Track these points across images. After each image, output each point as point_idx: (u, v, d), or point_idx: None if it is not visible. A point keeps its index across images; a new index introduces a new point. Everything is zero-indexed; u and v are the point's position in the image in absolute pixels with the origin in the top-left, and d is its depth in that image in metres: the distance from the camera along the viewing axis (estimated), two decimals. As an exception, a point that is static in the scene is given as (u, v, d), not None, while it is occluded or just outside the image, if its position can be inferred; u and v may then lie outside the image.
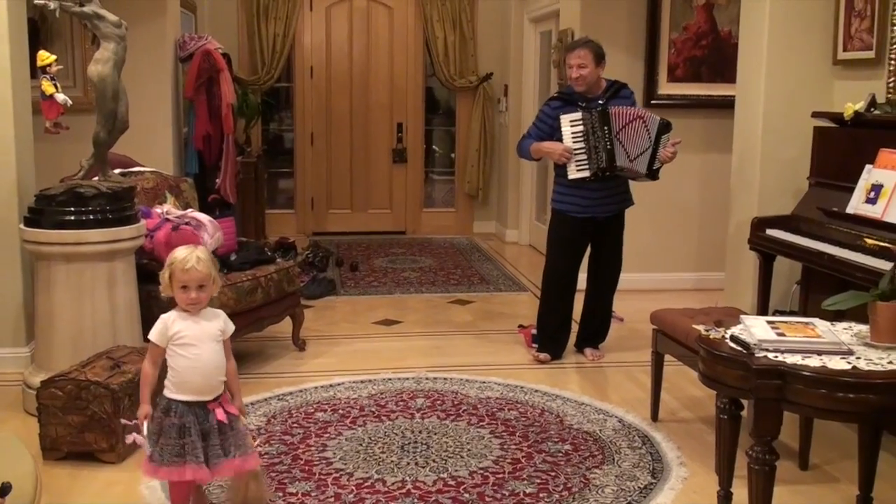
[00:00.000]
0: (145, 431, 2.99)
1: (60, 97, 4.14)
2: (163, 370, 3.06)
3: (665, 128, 4.81)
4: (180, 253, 3.01)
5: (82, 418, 3.67)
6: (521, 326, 5.65)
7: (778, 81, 4.89)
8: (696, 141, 6.81)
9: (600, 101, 4.88)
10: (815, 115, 4.69)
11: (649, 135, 4.79)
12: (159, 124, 6.34)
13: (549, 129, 4.95)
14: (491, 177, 9.61)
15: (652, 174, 4.90)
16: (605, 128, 4.79)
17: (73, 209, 4.13)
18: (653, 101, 6.70)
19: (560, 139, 4.88)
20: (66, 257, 4.10)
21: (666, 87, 6.75)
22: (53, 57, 4.19)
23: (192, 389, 3.00)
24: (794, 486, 3.51)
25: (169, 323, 3.02)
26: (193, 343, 3.00)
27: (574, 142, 4.84)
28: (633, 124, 4.80)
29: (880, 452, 3.20)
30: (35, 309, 4.30)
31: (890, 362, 2.66)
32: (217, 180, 6.73)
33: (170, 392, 3.01)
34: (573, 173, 4.87)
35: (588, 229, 5.02)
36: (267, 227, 8.63)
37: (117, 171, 4.73)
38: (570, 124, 4.85)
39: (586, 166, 4.84)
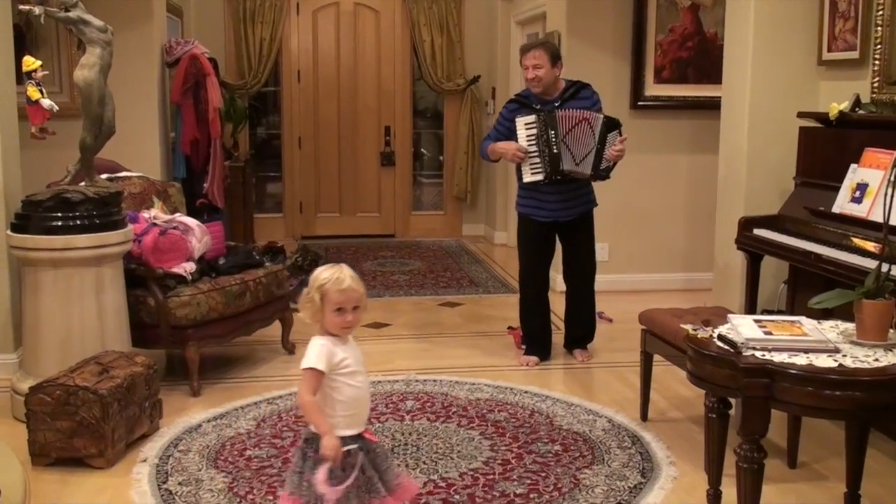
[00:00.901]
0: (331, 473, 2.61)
1: (46, 102, 4.13)
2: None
3: (610, 126, 4.78)
4: (330, 272, 2.71)
5: (71, 424, 3.66)
6: (510, 328, 5.65)
7: (763, 82, 4.91)
8: (683, 142, 6.85)
9: (556, 104, 4.88)
10: (801, 115, 4.72)
11: (594, 135, 4.77)
12: (146, 129, 6.33)
13: (507, 131, 4.96)
14: (479, 179, 9.62)
15: (600, 174, 4.86)
16: (552, 131, 4.78)
17: (60, 214, 4.11)
18: (639, 103, 6.74)
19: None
20: (54, 263, 4.08)
21: (652, 89, 6.77)
22: (39, 62, 4.18)
23: (361, 421, 2.77)
24: (783, 485, 3.52)
25: (332, 348, 2.71)
26: (358, 370, 2.76)
27: (529, 145, 4.84)
28: (578, 126, 4.78)
29: (868, 450, 3.22)
30: (22, 315, 4.28)
31: (876, 360, 2.67)
32: (205, 185, 6.73)
33: (340, 429, 2.70)
34: (528, 176, 4.89)
35: (552, 232, 5.04)
36: (255, 232, 8.62)
37: (104, 176, 4.73)
38: (524, 127, 4.85)
39: (539, 169, 4.85)
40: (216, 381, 4.79)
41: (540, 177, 4.85)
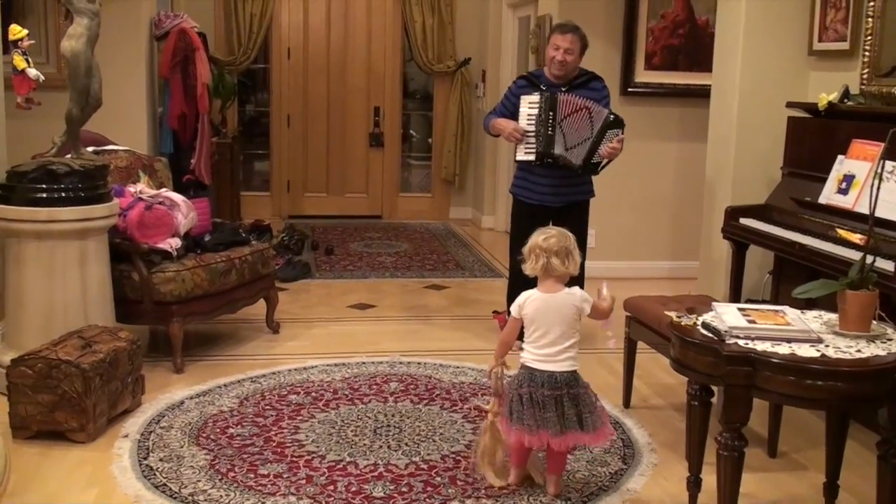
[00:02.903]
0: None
1: (32, 72, 4.08)
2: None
3: (613, 123, 4.71)
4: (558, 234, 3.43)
5: (53, 397, 3.64)
6: (495, 312, 5.65)
7: (753, 71, 4.91)
8: (672, 130, 6.85)
9: (563, 88, 4.86)
10: (790, 105, 4.73)
11: (592, 126, 4.72)
12: (133, 103, 6.27)
13: (512, 107, 4.97)
14: (468, 162, 9.60)
15: (589, 168, 4.81)
16: (551, 113, 4.77)
17: (44, 186, 4.08)
18: (629, 89, 6.72)
19: None
20: (38, 235, 4.05)
21: (643, 75, 6.76)
22: (25, 31, 4.13)
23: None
24: (763, 474, 3.55)
25: None
26: None
27: (528, 124, 4.84)
28: (577, 114, 4.74)
29: (847, 441, 3.24)
30: (5, 287, 4.25)
31: (858, 351, 2.69)
32: (192, 160, 6.68)
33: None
34: (521, 155, 4.90)
35: (541, 216, 5.01)
36: (242, 210, 8.58)
37: (90, 148, 4.69)
38: (527, 105, 4.85)
39: (533, 149, 4.85)
40: (199, 359, 4.78)
41: (532, 157, 4.85)
